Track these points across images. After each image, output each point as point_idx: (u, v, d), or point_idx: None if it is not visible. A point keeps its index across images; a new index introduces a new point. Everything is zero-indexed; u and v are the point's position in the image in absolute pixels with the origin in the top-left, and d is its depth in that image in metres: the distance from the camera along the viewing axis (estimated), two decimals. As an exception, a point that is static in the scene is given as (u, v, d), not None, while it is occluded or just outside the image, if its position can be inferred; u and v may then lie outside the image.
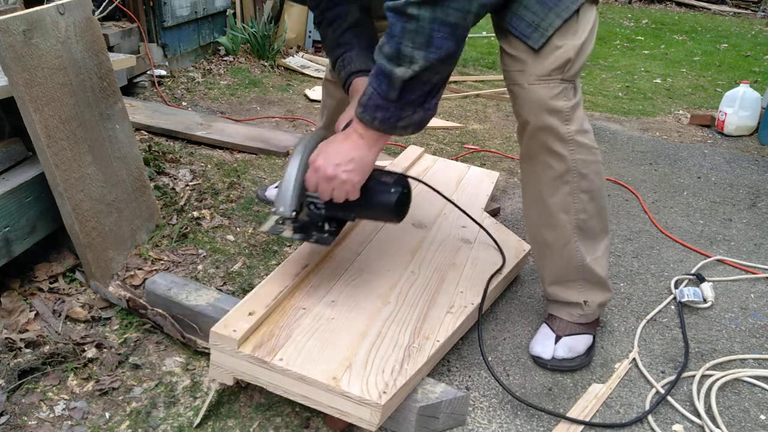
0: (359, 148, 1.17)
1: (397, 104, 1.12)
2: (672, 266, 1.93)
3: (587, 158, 1.32)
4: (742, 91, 3.20)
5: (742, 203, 2.44)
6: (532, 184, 1.38)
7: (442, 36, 1.06)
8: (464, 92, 3.83)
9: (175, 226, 1.87)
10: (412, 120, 1.15)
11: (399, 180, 1.26)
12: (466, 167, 2.24)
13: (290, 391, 1.15)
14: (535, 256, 1.48)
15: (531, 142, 1.32)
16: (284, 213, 1.23)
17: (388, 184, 1.23)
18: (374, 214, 1.28)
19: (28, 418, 1.22)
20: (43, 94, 1.42)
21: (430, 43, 1.06)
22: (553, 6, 1.21)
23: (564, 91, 1.26)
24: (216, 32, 3.97)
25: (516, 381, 1.40)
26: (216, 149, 2.56)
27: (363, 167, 1.18)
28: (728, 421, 1.31)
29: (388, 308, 1.35)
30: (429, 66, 1.07)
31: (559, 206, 1.35)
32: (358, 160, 1.17)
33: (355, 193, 1.20)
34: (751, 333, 1.62)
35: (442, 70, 1.11)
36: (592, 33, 1.29)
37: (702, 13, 8.70)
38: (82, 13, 1.59)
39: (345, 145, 1.18)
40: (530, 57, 1.24)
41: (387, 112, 1.13)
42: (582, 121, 1.30)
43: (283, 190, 1.23)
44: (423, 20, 1.04)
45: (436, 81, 1.12)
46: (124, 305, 1.50)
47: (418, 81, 1.09)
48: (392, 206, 1.23)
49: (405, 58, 1.07)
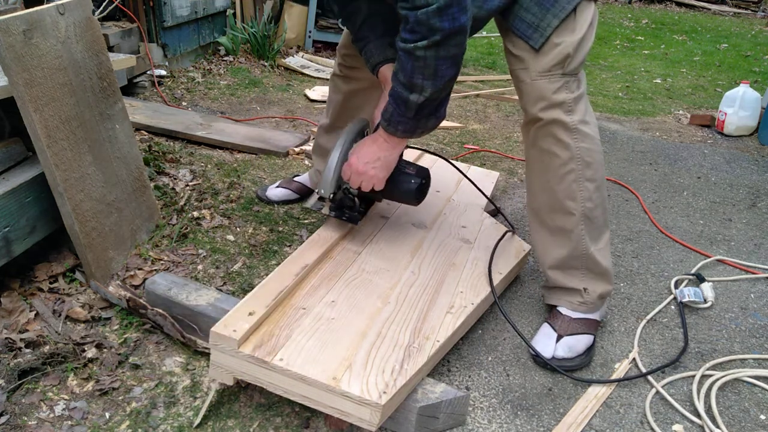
0: (385, 149, 1.40)
1: (414, 119, 1.33)
2: (672, 266, 1.93)
3: (591, 147, 1.40)
4: (742, 91, 3.20)
5: (742, 203, 2.44)
6: (539, 172, 1.45)
7: (446, 67, 1.24)
8: (464, 92, 3.83)
9: (175, 226, 1.87)
10: (427, 126, 1.37)
11: (420, 171, 1.52)
12: (466, 167, 2.24)
13: (290, 391, 1.15)
14: (538, 243, 1.52)
15: (537, 133, 1.41)
16: (324, 194, 1.52)
17: (410, 174, 1.51)
18: (398, 197, 1.56)
19: (28, 418, 1.22)
20: (43, 94, 1.42)
21: (437, 75, 1.24)
22: (550, 7, 1.31)
23: (566, 84, 1.35)
24: (216, 32, 3.97)
25: (516, 381, 1.40)
26: (216, 149, 2.56)
27: (388, 165, 1.42)
28: (728, 421, 1.31)
29: (388, 308, 1.35)
30: (437, 90, 1.27)
31: (565, 193, 1.41)
32: (384, 159, 1.41)
33: (381, 185, 1.45)
34: (751, 333, 1.62)
35: (448, 88, 1.30)
36: (591, 27, 1.37)
37: (702, 13, 8.69)
38: (82, 13, 1.59)
39: (374, 147, 1.41)
40: (531, 55, 1.35)
41: (407, 125, 1.34)
42: (585, 113, 1.39)
43: (324, 175, 1.51)
44: (429, 59, 1.22)
45: (444, 96, 1.32)
46: (124, 305, 1.50)
47: (429, 102, 1.29)
48: (414, 192, 1.51)
49: (417, 87, 1.26)
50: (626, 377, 1.42)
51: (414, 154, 2.22)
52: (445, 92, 1.30)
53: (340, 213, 1.58)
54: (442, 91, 1.29)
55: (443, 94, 1.30)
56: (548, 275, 1.52)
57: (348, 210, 1.57)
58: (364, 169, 1.41)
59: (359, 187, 1.46)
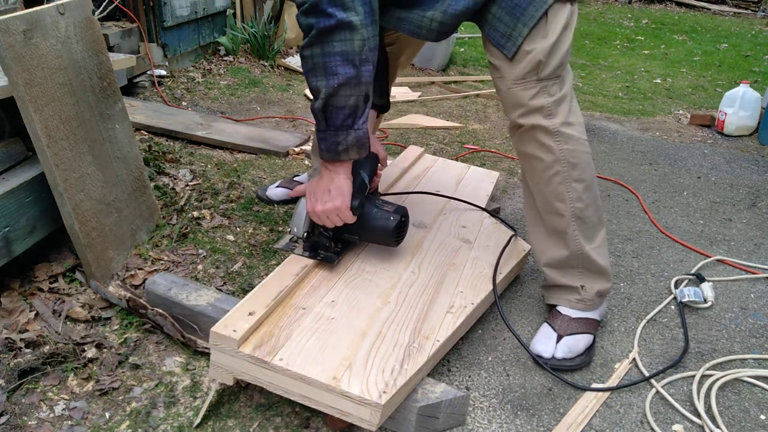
0: (329, 178, 1.35)
1: (329, 132, 1.28)
2: (672, 266, 1.93)
3: (576, 148, 1.39)
4: (742, 91, 3.20)
5: (742, 203, 2.44)
6: (529, 177, 1.46)
7: (334, 64, 1.20)
8: (464, 92, 3.83)
9: (175, 226, 1.87)
10: (348, 142, 1.29)
11: (398, 209, 1.45)
12: (466, 167, 2.24)
13: (290, 391, 1.15)
14: (534, 241, 1.53)
15: (521, 138, 1.42)
16: (298, 233, 1.45)
17: (388, 212, 1.44)
18: (375, 237, 1.47)
19: (28, 418, 1.22)
20: (43, 94, 1.42)
21: (327, 73, 1.21)
22: (520, 16, 1.31)
23: (544, 89, 1.35)
24: (216, 32, 3.97)
25: (516, 381, 1.40)
26: (216, 149, 2.56)
27: (341, 191, 1.35)
28: (728, 421, 1.31)
29: (388, 308, 1.35)
30: (333, 92, 1.22)
31: (553, 195, 1.41)
32: (333, 188, 1.35)
33: (348, 214, 1.37)
34: (751, 333, 1.62)
35: (350, 92, 1.24)
36: (567, 29, 1.36)
37: (702, 13, 8.69)
38: (82, 13, 1.59)
39: (320, 182, 1.37)
40: (506, 64, 1.35)
41: (326, 141, 1.29)
42: (567, 114, 1.38)
43: (296, 214, 1.44)
44: (316, 57, 1.21)
45: (352, 103, 1.25)
46: (124, 305, 1.50)
47: (332, 107, 1.25)
48: (391, 231, 1.43)
49: (314, 91, 1.25)
50: (630, 383, 1.41)
51: (414, 154, 2.22)
52: (351, 98, 1.24)
53: (314, 253, 1.48)
54: (342, 94, 1.23)
55: (350, 100, 1.24)
56: (545, 273, 1.53)
57: (323, 249, 1.48)
58: (321, 207, 1.35)
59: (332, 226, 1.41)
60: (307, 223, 1.43)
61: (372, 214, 1.43)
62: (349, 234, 1.47)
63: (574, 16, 1.37)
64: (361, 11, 1.19)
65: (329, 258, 1.47)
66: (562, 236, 1.44)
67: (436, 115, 3.33)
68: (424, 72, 4.22)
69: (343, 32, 1.18)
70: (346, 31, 1.18)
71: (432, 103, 3.59)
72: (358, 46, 1.21)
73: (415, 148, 2.29)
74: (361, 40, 1.20)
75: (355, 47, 1.20)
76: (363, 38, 1.21)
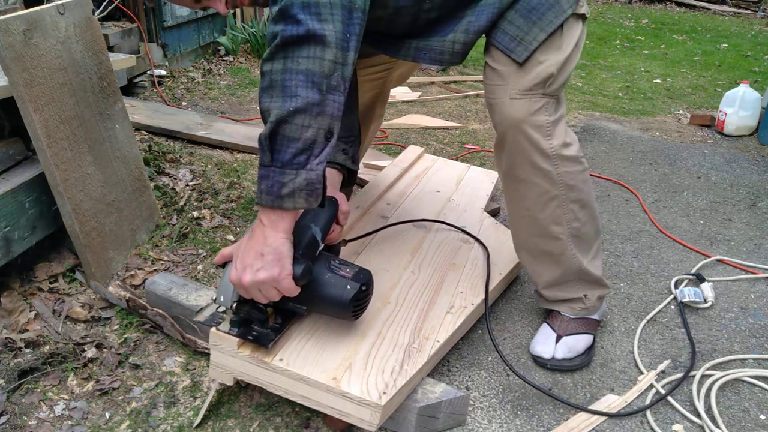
0: (265, 236, 1.05)
1: (273, 168, 1.01)
2: (672, 266, 1.93)
3: (573, 170, 1.31)
4: (742, 91, 3.20)
5: (742, 203, 2.44)
6: (518, 201, 1.36)
7: (295, 84, 0.98)
8: (464, 92, 3.83)
9: (175, 226, 1.87)
10: (296, 184, 1.01)
11: (359, 274, 1.15)
12: (466, 167, 2.24)
13: (290, 391, 1.15)
14: (528, 264, 1.46)
15: (514, 159, 1.30)
16: (224, 303, 1.12)
17: (345, 277, 1.13)
18: (327, 309, 1.17)
19: (28, 418, 1.22)
20: (43, 94, 1.42)
21: (285, 92, 0.99)
22: (536, 20, 1.22)
23: (545, 106, 1.25)
24: (216, 32, 3.97)
25: (516, 381, 1.40)
26: (216, 149, 2.56)
27: (279, 255, 1.05)
28: (728, 421, 1.31)
29: (388, 308, 1.35)
30: (285, 116, 0.98)
31: (549, 220, 1.34)
32: (270, 251, 1.04)
33: (290, 285, 1.07)
34: (751, 333, 1.62)
35: (308, 122, 1.00)
36: (577, 48, 1.29)
37: (702, 13, 8.69)
38: (82, 13, 1.59)
39: (250, 243, 1.06)
40: (513, 71, 1.24)
41: (268, 179, 1.01)
42: (564, 136, 1.29)
43: (223, 281, 1.12)
44: (275, 73, 1.00)
45: (309, 136, 1.00)
46: (124, 305, 1.50)
47: (282, 137, 1.00)
48: (347, 303, 1.12)
49: (264, 114, 1.01)
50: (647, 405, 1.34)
51: (414, 154, 2.22)
52: (307, 129, 1.00)
53: (244, 331, 1.15)
54: (297, 122, 0.99)
55: (306, 132, 1.00)
56: (544, 294, 1.47)
57: (258, 325, 1.16)
58: (250, 278, 1.04)
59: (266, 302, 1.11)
60: (236, 291, 1.11)
61: (324, 280, 1.13)
62: (293, 304, 1.15)
63: (584, 35, 1.32)
64: (340, 28, 1.00)
65: (264, 337, 1.14)
66: (557, 258, 1.39)
67: (436, 115, 3.33)
68: (424, 72, 4.22)
69: (313, 47, 0.98)
70: (317, 46, 0.98)
71: (432, 103, 3.59)
72: (328, 67, 1.00)
73: (415, 148, 2.29)
74: (332, 61, 1.00)
75: (324, 68, 0.99)
76: (335, 60, 1.00)
